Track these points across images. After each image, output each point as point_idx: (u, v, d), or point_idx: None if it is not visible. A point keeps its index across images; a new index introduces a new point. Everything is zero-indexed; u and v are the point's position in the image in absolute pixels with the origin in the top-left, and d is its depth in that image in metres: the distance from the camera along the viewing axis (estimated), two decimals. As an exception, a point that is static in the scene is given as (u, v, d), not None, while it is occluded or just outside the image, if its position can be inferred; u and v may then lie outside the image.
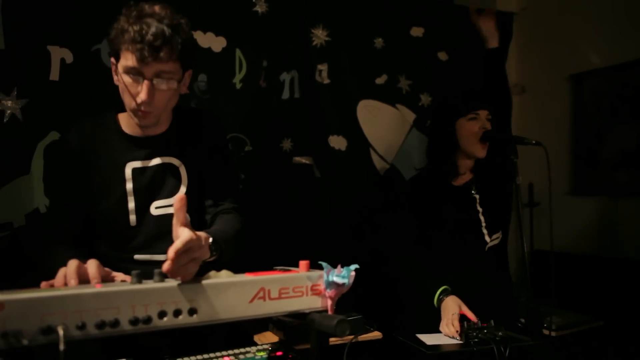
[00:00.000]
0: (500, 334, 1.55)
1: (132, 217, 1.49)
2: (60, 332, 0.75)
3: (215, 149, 1.60)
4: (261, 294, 0.93)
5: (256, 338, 1.55)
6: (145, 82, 1.34)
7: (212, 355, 1.25)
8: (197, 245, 0.99)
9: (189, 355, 1.23)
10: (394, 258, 2.10)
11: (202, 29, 2.44)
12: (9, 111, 2.06)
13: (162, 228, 1.48)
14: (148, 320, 0.84)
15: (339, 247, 2.64)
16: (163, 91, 1.38)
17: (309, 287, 0.98)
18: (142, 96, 1.34)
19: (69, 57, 2.17)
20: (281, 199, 2.61)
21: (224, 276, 0.94)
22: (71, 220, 1.49)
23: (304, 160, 2.70)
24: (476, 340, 1.54)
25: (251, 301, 0.92)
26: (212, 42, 2.47)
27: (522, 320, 1.72)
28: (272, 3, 2.57)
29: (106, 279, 1.11)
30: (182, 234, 0.95)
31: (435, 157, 2.26)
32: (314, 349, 0.96)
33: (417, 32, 2.98)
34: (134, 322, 0.83)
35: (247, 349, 1.30)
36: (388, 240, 2.26)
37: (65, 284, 1.05)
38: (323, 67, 2.74)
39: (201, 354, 1.25)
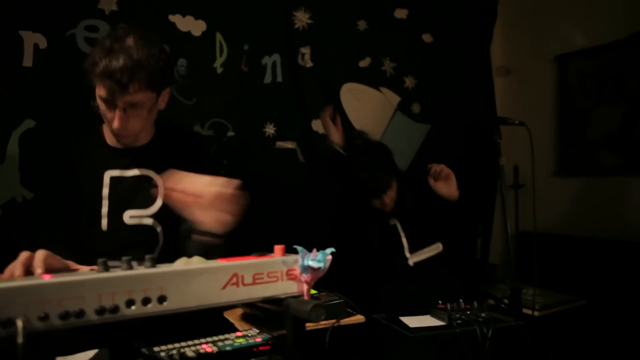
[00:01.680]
0: (483, 315, 1.54)
1: (104, 222, 1.50)
2: (20, 324, 0.71)
3: (196, 166, 1.58)
4: (234, 280, 0.90)
5: (226, 314, 1.53)
6: (117, 112, 1.38)
7: (190, 342, 1.22)
8: None
9: (165, 343, 1.20)
10: None
11: (181, 12, 2.38)
12: (-19, 99, 2.00)
13: (134, 238, 1.51)
14: (115, 309, 0.81)
15: (323, 231, 2.61)
16: (136, 118, 1.42)
17: (284, 272, 0.95)
18: (115, 125, 1.39)
19: (43, 43, 2.10)
20: (265, 184, 2.57)
21: (196, 262, 0.91)
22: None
23: (287, 144, 2.66)
24: (459, 321, 1.53)
25: (224, 287, 0.90)
26: (191, 25, 2.41)
27: (505, 301, 1.71)
28: (253, -15, 2.52)
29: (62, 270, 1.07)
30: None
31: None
32: (290, 334, 0.94)
33: (401, 13, 2.94)
34: (100, 311, 0.79)
35: (227, 335, 1.27)
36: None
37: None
38: (306, 50, 2.69)
39: (179, 341, 1.22)
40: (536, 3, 3.18)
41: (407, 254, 2.20)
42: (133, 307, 0.82)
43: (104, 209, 1.50)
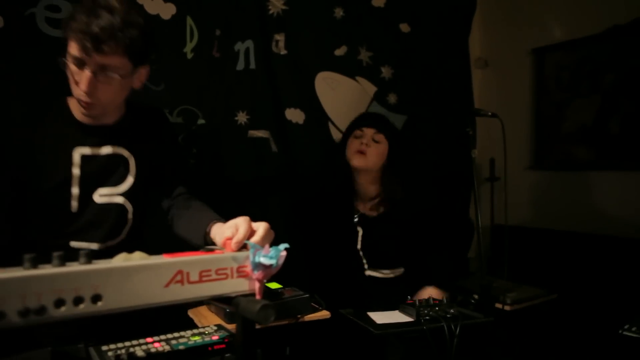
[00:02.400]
0: (452, 311, 1.50)
1: (74, 203, 1.43)
2: None
3: (167, 146, 1.60)
4: (178, 278, 0.84)
5: (190, 313, 1.47)
6: (86, 73, 1.28)
7: (141, 341, 1.15)
8: None
9: (116, 342, 1.13)
10: None
11: (150, -6, 2.27)
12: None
13: (103, 216, 1.47)
14: (41, 310, 0.73)
15: (295, 224, 2.55)
16: (106, 85, 1.32)
17: (234, 269, 0.89)
18: (82, 87, 1.29)
19: (0, 22, 1.98)
20: (236, 174, 2.50)
21: (137, 259, 0.83)
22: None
23: (260, 133, 2.58)
24: (427, 317, 1.49)
25: (167, 285, 0.83)
26: (160, 8, 2.30)
27: (475, 297, 1.67)
28: (225, -33, 2.42)
29: None
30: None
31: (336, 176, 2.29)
32: (239, 335, 0.88)
33: (378, 2, 2.86)
34: (24, 313, 0.72)
35: (182, 333, 1.20)
36: None
37: None
38: (280, 37, 2.60)
39: (129, 339, 1.15)
40: (514, -5, 3.14)
41: (365, 267, 2.15)
42: (62, 308, 0.75)
43: (74, 190, 1.42)
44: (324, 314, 1.47)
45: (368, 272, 2.10)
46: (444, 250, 2.10)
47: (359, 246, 2.12)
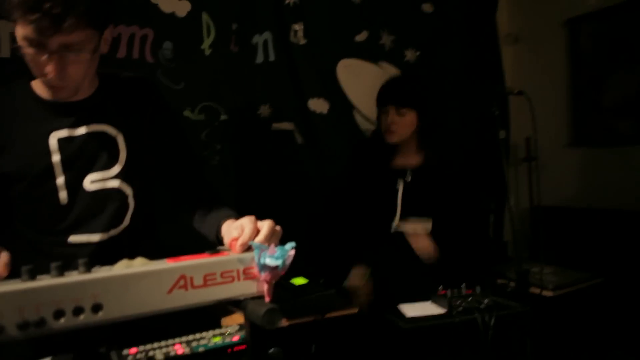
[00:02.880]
0: (485, 301, 1.41)
1: (63, 194, 1.25)
2: None
3: (163, 122, 1.37)
4: (182, 283, 0.80)
5: (224, 322, 1.43)
6: (53, 57, 1.07)
7: (162, 343, 1.13)
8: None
9: (137, 344, 1.11)
10: None
11: (164, -8, 2.25)
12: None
13: (99, 204, 1.28)
14: (41, 322, 0.71)
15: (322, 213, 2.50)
16: (75, 64, 1.12)
17: (240, 271, 0.85)
18: (51, 74, 1.10)
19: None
20: (262, 168, 2.47)
21: (138, 265, 0.80)
22: None
23: (284, 126, 2.54)
24: (460, 309, 1.41)
25: (170, 292, 0.79)
26: (175, 6, 2.27)
27: (512, 284, 1.58)
28: (238, -40, 2.37)
29: None
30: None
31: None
32: (248, 338, 0.84)
33: (399, -17, 2.76)
34: (23, 326, 0.70)
35: (203, 334, 1.17)
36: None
37: None
38: (298, 27, 2.54)
39: (152, 342, 1.13)
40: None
41: (396, 221, 2.07)
42: (62, 320, 0.72)
43: (59, 179, 1.23)
44: (352, 310, 1.41)
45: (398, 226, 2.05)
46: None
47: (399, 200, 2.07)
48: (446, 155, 2.10)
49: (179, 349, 1.10)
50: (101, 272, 0.77)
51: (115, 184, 1.28)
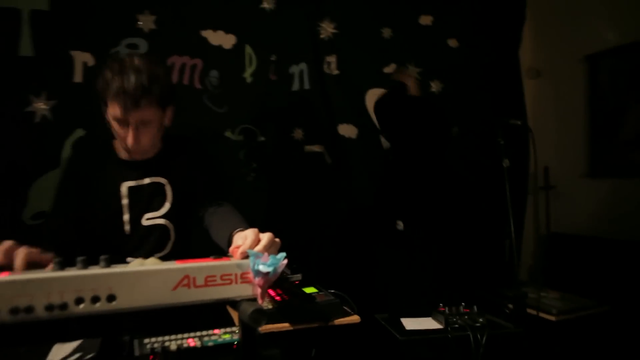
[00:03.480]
0: (481, 320, 1.40)
1: (127, 227, 1.53)
2: (-38, 318, 0.70)
3: (200, 170, 1.64)
4: (185, 282, 0.86)
5: (229, 308, 1.49)
6: (131, 129, 1.38)
7: (178, 336, 1.19)
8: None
9: (159, 335, 1.18)
10: None
11: (213, 27, 2.38)
12: (40, 112, 2.09)
13: (150, 235, 1.56)
14: (64, 306, 0.78)
15: (350, 230, 2.53)
16: (146, 134, 1.43)
17: (238, 275, 0.89)
18: (129, 141, 1.39)
19: (91, 60, 2.17)
20: (293, 185, 2.53)
21: (149, 264, 0.87)
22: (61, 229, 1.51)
23: (315, 148, 2.60)
24: (456, 326, 1.40)
25: (174, 289, 0.85)
26: (222, 39, 2.41)
27: (510, 306, 1.55)
28: (279, 0, 2.48)
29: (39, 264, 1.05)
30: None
31: None
32: (241, 336, 0.88)
33: (426, 20, 2.79)
34: (49, 308, 0.77)
35: (214, 331, 1.23)
36: None
37: None
38: (331, 59, 2.62)
39: (169, 334, 1.19)
40: (565, 2, 2.90)
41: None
42: (81, 305, 0.79)
43: (125, 217, 1.53)
44: (354, 318, 1.43)
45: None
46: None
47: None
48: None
49: (191, 342, 1.16)
50: (117, 268, 0.84)
51: (162, 221, 1.56)
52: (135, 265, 0.86)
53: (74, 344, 1.13)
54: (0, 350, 1.05)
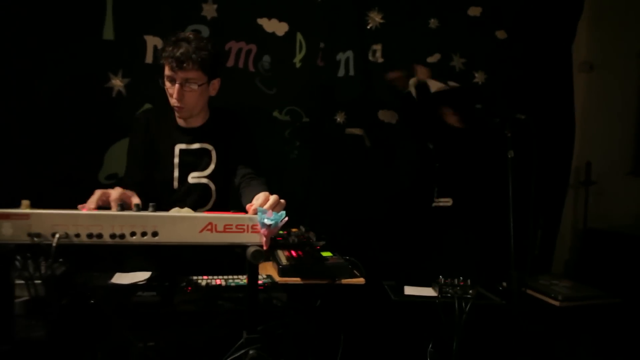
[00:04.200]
0: (470, 292, 1.61)
1: (175, 183, 1.91)
2: (57, 235, 1.06)
3: (242, 140, 1.96)
4: (209, 227, 1.17)
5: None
6: (176, 85, 1.75)
7: (210, 277, 1.53)
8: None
9: (200, 274, 1.52)
10: None
11: (268, 15, 2.67)
12: (116, 88, 2.51)
13: (194, 191, 1.91)
14: (122, 236, 1.13)
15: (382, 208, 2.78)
16: (189, 92, 1.78)
17: (249, 226, 1.19)
18: (174, 95, 1.77)
19: (160, 44, 2.54)
20: (333, 164, 2.80)
21: (184, 212, 1.19)
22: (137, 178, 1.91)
23: (355, 131, 2.85)
24: (448, 295, 1.63)
25: (201, 231, 1.17)
26: (276, 27, 2.70)
27: (504, 284, 1.74)
28: (330, -10, 2.72)
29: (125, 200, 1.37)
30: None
31: None
32: (247, 272, 1.18)
33: (474, 11, 2.91)
34: (113, 236, 1.12)
35: (239, 276, 1.55)
36: None
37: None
38: (377, 47, 2.83)
39: (204, 275, 1.53)
40: (624, -3, 2.90)
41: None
42: (134, 237, 1.13)
43: (175, 174, 1.91)
44: (359, 280, 1.70)
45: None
46: None
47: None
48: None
49: (218, 281, 1.49)
50: (161, 213, 1.17)
51: (205, 181, 1.92)
52: (174, 211, 1.19)
53: (131, 275, 1.50)
54: (79, 272, 1.44)
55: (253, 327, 1.18)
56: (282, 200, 1.34)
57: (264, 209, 1.20)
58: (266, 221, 1.17)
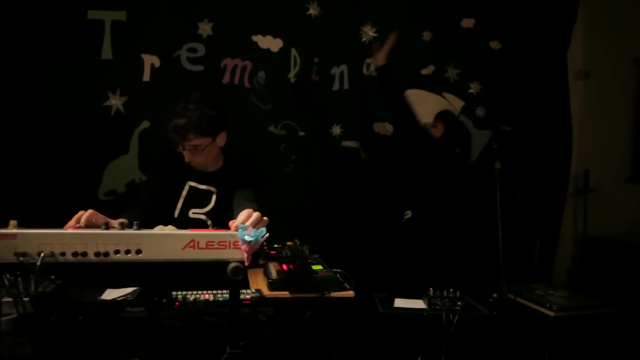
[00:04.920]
0: (459, 303, 1.62)
1: (176, 212, 1.98)
2: (41, 254, 1.10)
3: (243, 184, 2.00)
4: (191, 244, 1.20)
5: (250, 272, 1.82)
6: (185, 152, 1.89)
7: (200, 292, 1.55)
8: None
9: (187, 290, 1.55)
10: None
11: (262, 32, 2.73)
12: (115, 106, 2.58)
13: (191, 225, 1.94)
14: (106, 254, 1.16)
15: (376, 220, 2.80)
16: (197, 155, 1.90)
17: (231, 242, 1.22)
18: (186, 159, 1.90)
19: (157, 62, 2.61)
20: (329, 176, 2.83)
21: (167, 229, 1.22)
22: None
23: (350, 144, 2.88)
24: (437, 307, 1.63)
25: (183, 248, 1.20)
26: (270, 43, 2.75)
27: (495, 295, 1.75)
28: (324, 7, 2.77)
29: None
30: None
31: None
32: (230, 287, 1.21)
33: (468, 23, 2.95)
34: (97, 254, 1.15)
35: (226, 291, 1.56)
36: None
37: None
38: (371, 61, 2.86)
39: (192, 290, 1.56)
40: (616, 4, 2.91)
41: None
42: (118, 255, 1.16)
43: (179, 205, 1.98)
44: (349, 293, 1.71)
45: None
46: None
47: None
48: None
49: (207, 295, 1.51)
50: (145, 231, 1.20)
51: (203, 217, 1.98)
52: (158, 229, 1.22)
53: (121, 290, 1.53)
54: (69, 288, 1.47)
55: (236, 341, 1.20)
56: (264, 218, 1.36)
57: (245, 226, 1.23)
58: (247, 237, 1.19)
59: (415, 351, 1.58)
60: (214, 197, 2.00)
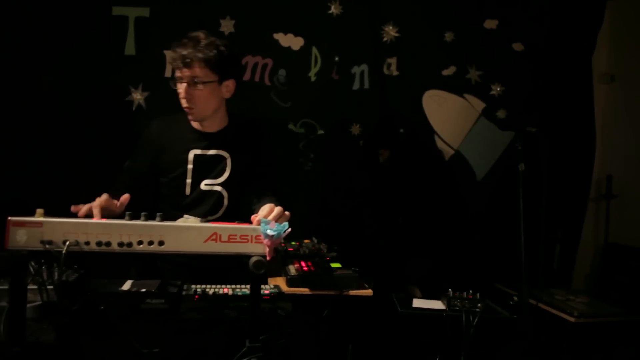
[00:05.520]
0: (479, 305, 1.60)
1: (188, 189, 1.89)
2: (67, 242, 1.11)
3: (261, 153, 1.94)
4: (214, 237, 1.20)
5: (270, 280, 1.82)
6: (183, 84, 1.74)
7: (219, 286, 1.56)
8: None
9: (207, 284, 1.55)
10: None
11: (284, 31, 2.73)
12: (137, 101, 2.60)
13: (205, 198, 1.89)
14: (130, 244, 1.17)
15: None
16: (198, 92, 1.74)
17: (253, 237, 1.22)
18: (182, 94, 1.75)
19: (179, 59, 2.63)
20: (347, 175, 2.82)
21: (190, 221, 1.23)
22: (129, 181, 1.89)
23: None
24: (457, 308, 1.62)
25: (205, 241, 1.20)
26: (291, 41, 2.75)
27: (515, 298, 1.72)
28: (345, 5, 2.76)
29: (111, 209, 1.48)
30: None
31: None
32: (251, 281, 1.21)
33: (490, 24, 2.91)
34: (120, 244, 1.16)
35: (244, 286, 1.57)
36: None
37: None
38: (392, 61, 2.85)
39: (212, 284, 1.56)
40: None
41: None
42: (141, 246, 1.17)
43: (188, 180, 1.89)
44: (367, 292, 1.70)
45: None
46: None
47: None
48: None
49: (226, 290, 1.52)
50: (167, 222, 1.20)
51: (218, 188, 1.90)
52: (180, 221, 1.23)
53: (141, 282, 1.54)
54: (92, 279, 1.49)
55: (255, 336, 1.20)
56: (286, 212, 1.36)
57: (267, 220, 1.23)
58: (269, 232, 1.19)
59: (434, 352, 1.57)
60: (229, 163, 1.87)
